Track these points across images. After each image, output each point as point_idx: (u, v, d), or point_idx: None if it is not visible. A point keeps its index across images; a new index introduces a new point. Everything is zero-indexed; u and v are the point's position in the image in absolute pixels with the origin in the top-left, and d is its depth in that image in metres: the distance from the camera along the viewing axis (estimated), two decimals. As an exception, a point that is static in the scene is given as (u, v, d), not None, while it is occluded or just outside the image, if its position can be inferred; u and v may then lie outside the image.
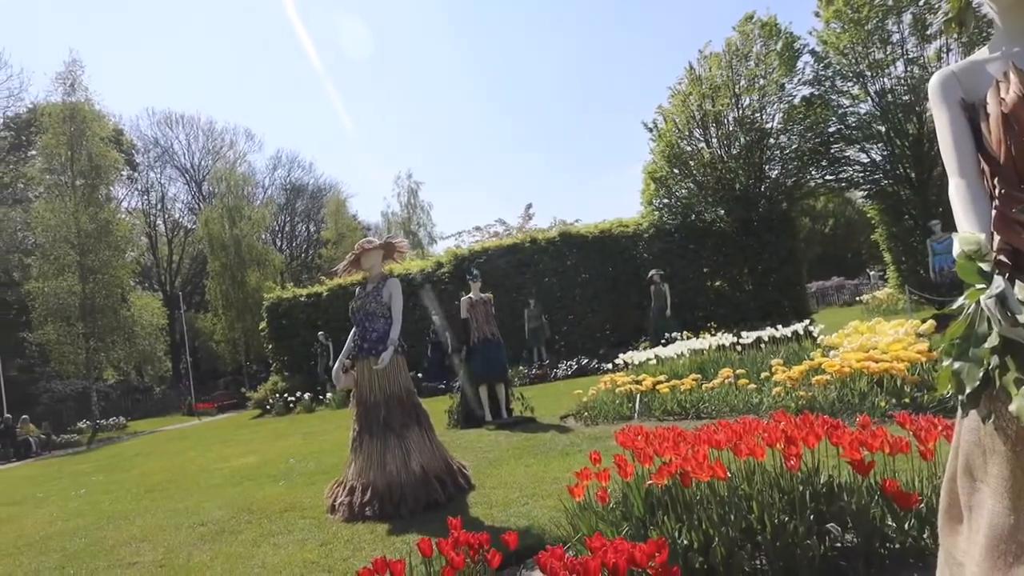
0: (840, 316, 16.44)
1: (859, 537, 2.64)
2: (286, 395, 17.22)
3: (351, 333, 4.95)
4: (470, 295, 8.35)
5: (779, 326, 9.62)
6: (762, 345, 9.34)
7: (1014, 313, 1.38)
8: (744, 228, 15.87)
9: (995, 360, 1.52)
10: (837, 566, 2.60)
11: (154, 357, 27.25)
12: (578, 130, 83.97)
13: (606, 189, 72.98)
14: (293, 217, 50.51)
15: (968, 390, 1.55)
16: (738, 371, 7.19)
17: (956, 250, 1.43)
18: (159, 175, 45.48)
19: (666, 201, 17.04)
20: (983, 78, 1.65)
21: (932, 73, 2.47)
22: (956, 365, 1.58)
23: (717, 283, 16.27)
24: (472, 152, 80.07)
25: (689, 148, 16.61)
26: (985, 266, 1.41)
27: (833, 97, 15.96)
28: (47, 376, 27.67)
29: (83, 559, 4.43)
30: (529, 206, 29.99)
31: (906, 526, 2.60)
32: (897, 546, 2.60)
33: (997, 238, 1.55)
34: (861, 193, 18.68)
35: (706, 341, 9.65)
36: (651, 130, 17.34)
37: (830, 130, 16.04)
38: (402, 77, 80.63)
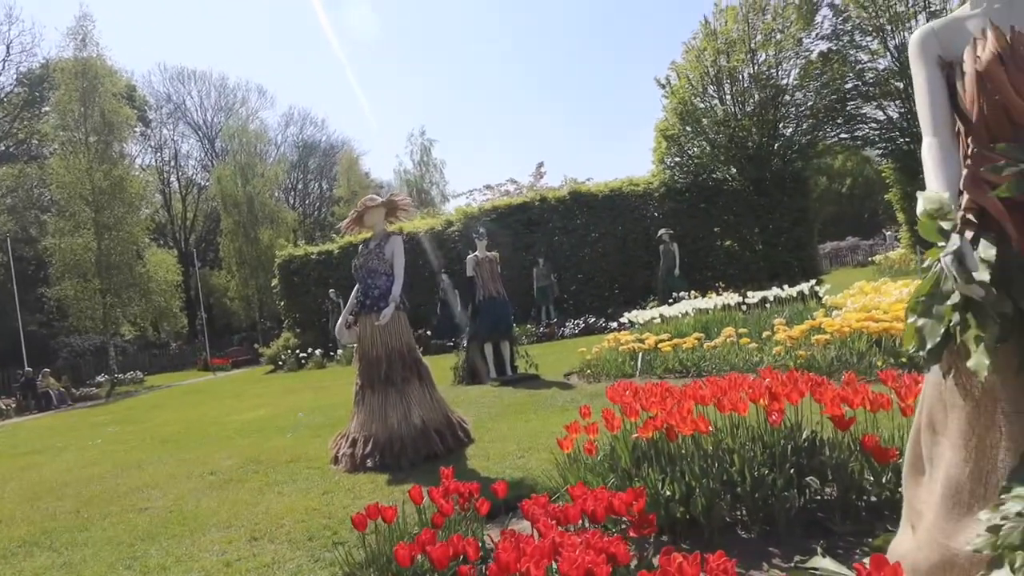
0: (852, 276, 16.33)
1: (837, 490, 2.71)
2: (298, 351, 17.48)
3: (354, 290, 5.02)
4: (476, 253, 8.39)
5: (785, 286, 9.61)
6: (768, 305, 9.36)
7: (970, 270, 1.41)
8: (756, 187, 15.72)
9: (956, 317, 1.55)
10: (814, 517, 2.67)
11: (170, 313, 27.63)
12: (593, 88, 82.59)
13: (620, 148, 72.22)
14: (306, 175, 50.45)
15: (930, 346, 1.59)
16: (741, 330, 7.23)
17: (920, 208, 1.45)
18: (172, 132, 45.47)
19: (678, 160, 16.88)
20: (962, 35, 1.65)
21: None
22: (920, 322, 1.62)
23: (727, 243, 16.19)
24: (487, 110, 79.22)
25: (703, 105, 16.37)
26: (946, 225, 1.43)
27: (851, 52, 15.62)
28: (66, 331, 28.12)
29: (97, 504, 4.61)
30: (541, 164, 29.88)
31: (883, 480, 2.66)
32: (873, 499, 2.66)
33: (966, 197, 1.57)
34: (877, 151, 18.38)
35: (711, 301, 9.67)
36: (664, 87, 17.08)
37: (847, 87, 15.75)
38: (417, 33, 79.38)
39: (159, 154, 45.09)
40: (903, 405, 2.66)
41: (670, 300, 11.99)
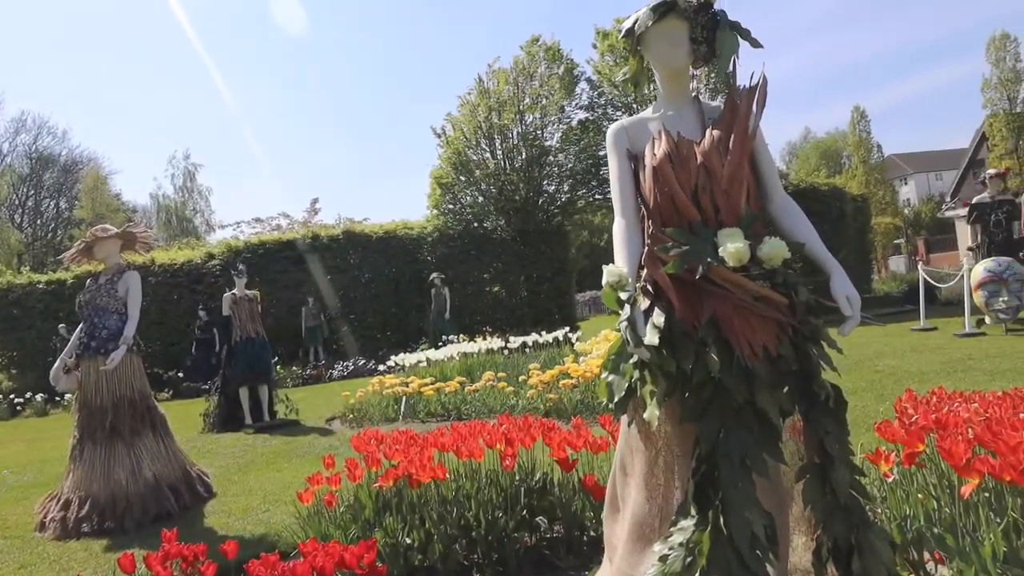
0: (605, 323, 17.92)
1: (563, 528, 2.94)
2: (12, 396, 14.93)
3: (77, 329, 4.47)
4: (234, 291, 7.90)
5: (544, 332, 10.31)
6: (527, 350, 9.95)
7: (640, 335, 1.65)
8: (522, 238, 16.74)
9: (636, 374, 1.80)
10: (543, 555, 2.87)
11: None
12: (375, 128, 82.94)
13: (399, 190, 72.90)
14: (39, 191, 43.82)
15: (616, 399, 1.82)
16: (500, 374, 7.58)
17: (603, 280, 1.68)
18: None
19: (451, 207, 17.45)
20: (646, 134, 1.95)
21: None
22: (609, 377, 1.85)
23: (496, 289, 16.97)
24: (262, 139, 75.55)
25: (475, 157, 17.17)
26: (623, 295, 1.67)
27: (604, 123, 17.41)
28: None
29: None
30: (315, 200, 28.96)
31: (602, 516, 2.94)
32: (593, 534, 2.93)
33: (646, 271, 1.84)
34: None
35: (477, 345, 10.05)
36: (440, 136, 17.67)
37: (600, 153, 17.47)
38: (185, 47, 73.91)
39: None
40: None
41: (440, 343, 12.24)
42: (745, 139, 1.82)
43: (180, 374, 14.69)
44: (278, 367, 13.49)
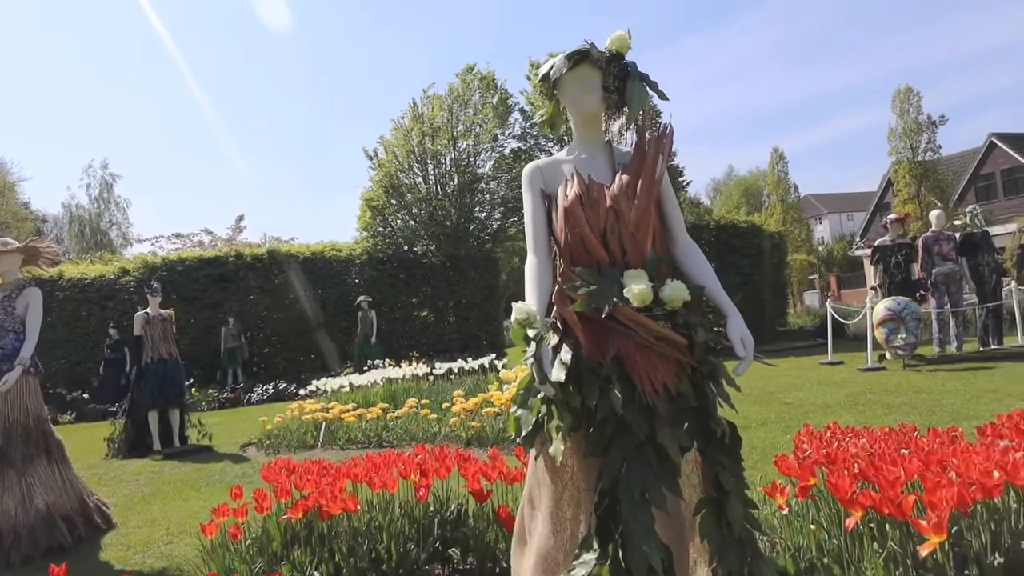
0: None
1: (476, 560, 2.93)
2: None
3: (-31, 349, 4.19)
4: (147, 310, 7.58)
5: (469, 359, 10.30)
6: (453, 376, 9.91)
7: (545, 372, 1.69)
8: (452, 263, 16.75)
9: (544, 409, 1.84)
10: (455, 587, 2.85)
11: None
12: (307, 147, 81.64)
13: (328, 211, 71.74)
14: (-67, 196, 40.95)
15: (524, 433, 1.86)
16: (423, 401, 7.52)
17: (512, 317, 1.72)
18: None
19: (381, 230, 17.31)
20: (559, 175, 2.02)
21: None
22: (518, 412, 1.88)
23: (424, 313, 16.88)
24: (186, 151, 73.19)
25: (407, 181, 17.14)
26: (531, 332, 1.71)
27: (536, 154, 17.74)
28: None
29: None
30: (241, 218, 28.16)
31: (511, 548, 2.95)
32: (506, 565, 2.93)
33: (556, 308, 1.89)
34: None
35: (401, 370, 9.94)
36: (372, 159, 17.57)
37: (532, 183, 17.77)
38: (104, 54, 71.14)
39: None
40: (531, 478, 3.00)
41: (365, 368, 12.05)
42: (652, 185, 1.91)
43: (86, 395, 13.92)
44: (193, 389, 12.96)
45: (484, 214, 17.63)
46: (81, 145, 70.48)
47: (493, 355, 10.88)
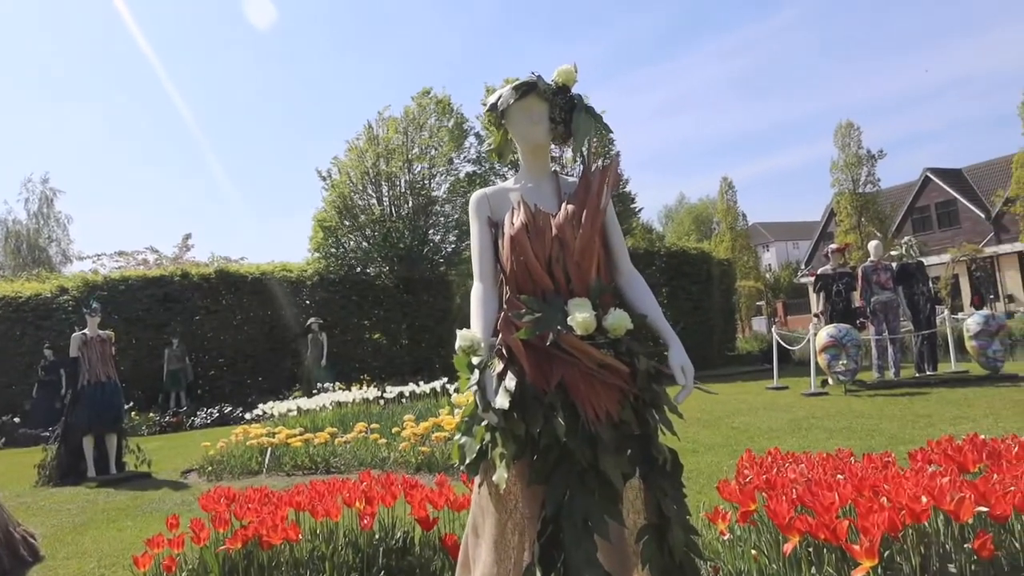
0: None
1: (421, 589, 2.89)
2: None
3: None
4: (85, 331, 7.32)
5: (421, 382, 10.20)
6: (404, 400, 9.79)
7: (488, 400, 1.69)
8: (406, 286, 16.64)
9: (488, 436, 1.84)
10: (398, 617, 2.80)
11: None
12: (257, 165, 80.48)
13: (280, 231, 70.65)
14: None
15: (468, 460, 1.85)
16: (373, 425, 7.40)
17: (456, 344, 1.72)
18: None
19: (333, 251, 17.11)
20: (505, 202, 2.04)
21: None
22: (462, 439, 1.87)
23: (376, 336, 16.68)
24: (133, 170, 71.34)
25: (361, 202, 17.01)
26: (475, 360, 1.71)
27: (492, 178, 17.82)
28: None
29: None
30: (188, 236, 27.34)
31: (458, 576, 2.92)
32: (452, 594, 2.90)
33: (501, 335, 1.90)
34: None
35: (351, 394, 9.78)
36: (325, 179, 17.42)
37: (486, 207, 17.83)
38: (50, 64, 69.12)
39: None
40: (478, 504, 2.98)
41: (315, 391, 11.82)
42: (597, 215, 1.94)
43: (16, 419, 13.30)
44: (133, 413, 12.52)
45: (438, 237, 17.59)
46: (19, 158, 68.01)
47: (445, 379, 10.80)
